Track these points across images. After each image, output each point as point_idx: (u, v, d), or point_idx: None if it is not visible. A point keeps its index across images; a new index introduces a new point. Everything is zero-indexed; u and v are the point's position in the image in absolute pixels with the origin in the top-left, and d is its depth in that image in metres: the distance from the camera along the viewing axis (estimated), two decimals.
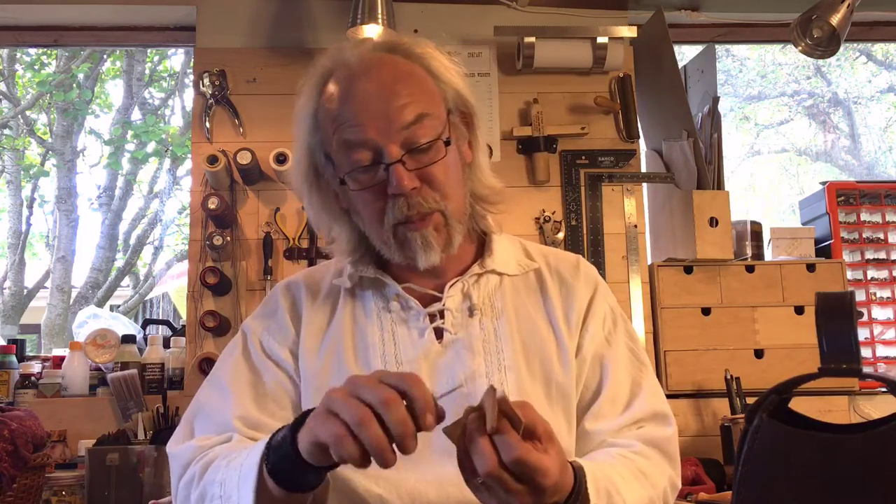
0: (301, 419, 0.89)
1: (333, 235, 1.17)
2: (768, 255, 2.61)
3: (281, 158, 2.32)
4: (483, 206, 1.17)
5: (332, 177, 1.10)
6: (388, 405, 0.79)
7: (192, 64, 2.56)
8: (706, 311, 2.42)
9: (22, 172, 8.28)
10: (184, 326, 2.44)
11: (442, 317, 1.12)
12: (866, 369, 0.84)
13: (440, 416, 0.81)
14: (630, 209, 2.49)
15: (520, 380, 1.09)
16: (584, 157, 2.50)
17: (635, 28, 2.50)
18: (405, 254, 1.08)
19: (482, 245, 1.19)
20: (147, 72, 8.65)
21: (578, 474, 0.90)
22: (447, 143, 1.07)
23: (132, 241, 8.43)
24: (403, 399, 0.80)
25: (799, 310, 2.44)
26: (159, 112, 8.77)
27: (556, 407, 1.10)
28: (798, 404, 0.87)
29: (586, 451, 1.10)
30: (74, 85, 7.96)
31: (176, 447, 1.10)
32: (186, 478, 1.04)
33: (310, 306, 1.17)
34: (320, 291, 1.18)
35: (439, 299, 1.12)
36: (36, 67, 8.36)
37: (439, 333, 1.11)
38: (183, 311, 2.89)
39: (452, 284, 1.14)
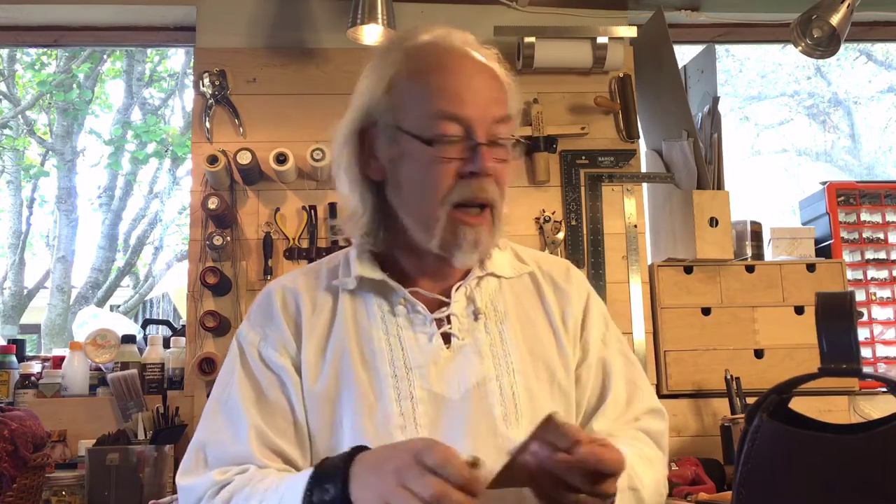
0: (337, 472, 0.90)
1: (349, 204, 1.14)
2: (768, 255, 2.61)
3: (281, 158, 2.32)
4: None
5: (390, 141, 1.08)
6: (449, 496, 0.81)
7: (192, 64, 2.56)
8: (706, 311, 2.42)
9: (22, 172, 8.28)
10: (184, 326, 2.44)
11: (448, 321, 1.11)
12: (866, 369, 0.84)
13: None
14: (630, 209, 2.49)
15: (528, 382, 1.10)
16: (584, 157, 2.50)
17: (635, 28, 2.50)
18: (444, 241, 1.07)
19: None
20: (147, 72, 8.65)
21: None
22: (516, 146, 1.12)
23: (132, 241, 8.42)
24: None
25: (799, 310, 2.44)
26: (159, 112, 8.77)
27: (558, 407, 1.11)
28: (798, 404, 0.87)
29: None
30: (74, 85, 7.96)
31: (188, 479, 1.05)
32: None
33: (309, 314, 1.13)
34: (318, 295, 1.15)
35: (443, 303, 1.12)
36: (36, 67, 8.37)
37: (446, 338, 1.11)
38: (183, 311, 2.89)
39: (457, 288, 1.13)
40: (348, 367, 1.08)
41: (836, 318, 0.83)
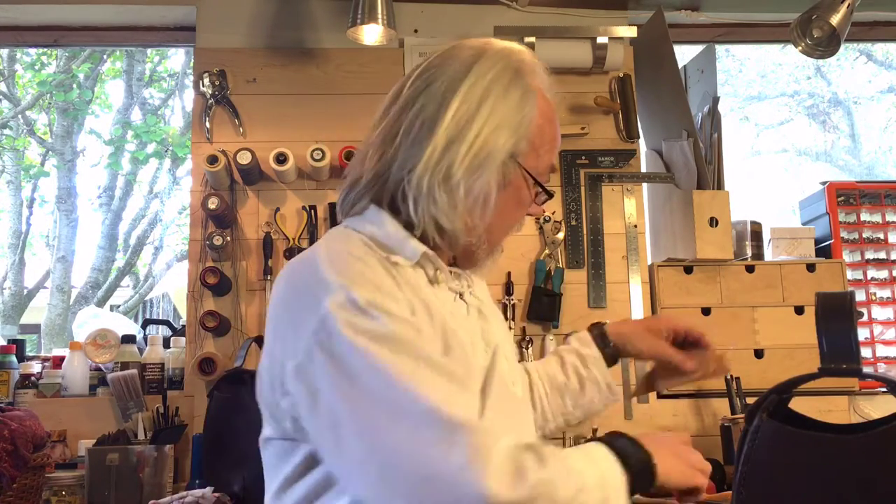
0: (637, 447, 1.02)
1: (454, 195, 1.08)
2: (768, 255, 2.61)
3: (281, 158, 2.32)
4: None
5: (512, 163, 1.12)
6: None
7: (192, 64, 2.56)
8: (706, 311, 2.42)
9: (22, 172, 8.28)
10: (184, 326, 2.44)
11: (461, 296, 1.18)
12: (866, 369, 0.84)
13: None
14: (630, 209, 2.49)
15: (513, 355, 1.24)
16: (584, 157, 2.50)
17: (635, 28, 2.50)
18: (485, 256, 1.17)
19: None
20: (147, 72, 8.65)
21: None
22: None
23: (132, 241, 8.43)
24: None
25: (799, 310, 2.43)
26: (159, 112, 8.77)
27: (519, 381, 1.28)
28: (798, 404, 0.87)
29: None
30: (74, 85, 7.97)
31: (475, 420, 0.90)
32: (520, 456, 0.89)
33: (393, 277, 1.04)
34: (395, 267, 1.06)
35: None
36: (36, 67, 8.37)
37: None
38: (183, 311, 2.89)
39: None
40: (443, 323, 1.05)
41: (836, 318, 0.83)
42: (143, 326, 2.80)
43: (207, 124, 2.44)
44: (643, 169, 2.58)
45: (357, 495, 0.92)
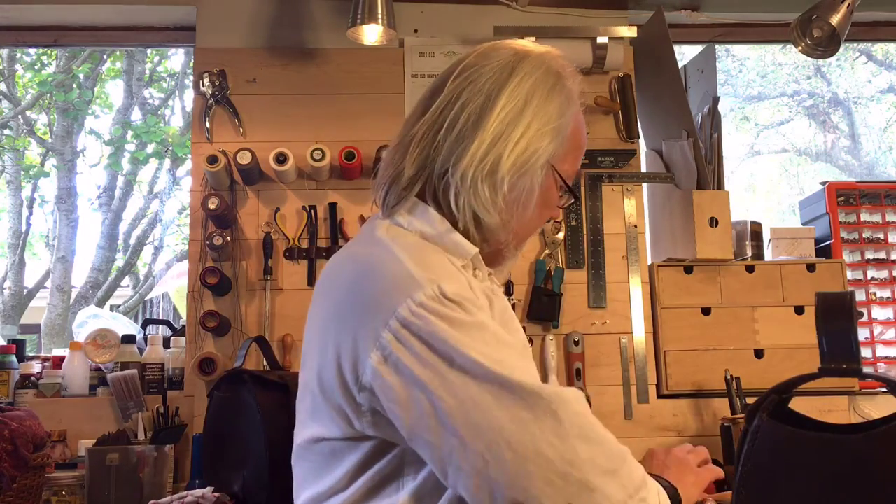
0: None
1: (498, 200, 1.12)
2: (768, 255, 2.61)
3: (281, 158, 2.32)
4: None
5: (547, 167, 1.17)
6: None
7: (192, 64, 2.56)
8: (706, 311, 2.42)
9: (22, 172, 8.28)
10: (184, 326, 2.44)
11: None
12: (866, 369, 0.84)
13: None
14: (630, 209, 2.49)
15: None
16: (584, 157, 2.49)
17: (635, 28, 2.50)
18: (510, 259, 1.22)
19: None
20: (147, 72, 8.66)
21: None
22: None
23: (132, 241, 8.43)
24: None
25: (799, 310, 2.43)
26: (159, 112, 8.77)
27: None
28: (798, 404, 0.87)
29: None
30: (74, 85, 7.97)
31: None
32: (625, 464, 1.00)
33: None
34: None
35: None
36: (36, 67, 8.37)
37: None
38: (183, 311, 2.90)
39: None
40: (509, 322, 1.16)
41: (836, 318, 0.83)
42: (143, 326, 2.80)
43: (207, 124, 2.44)
44: (643, 169, 2.58)
45: (459, 478, 0.94)
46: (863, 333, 2.59)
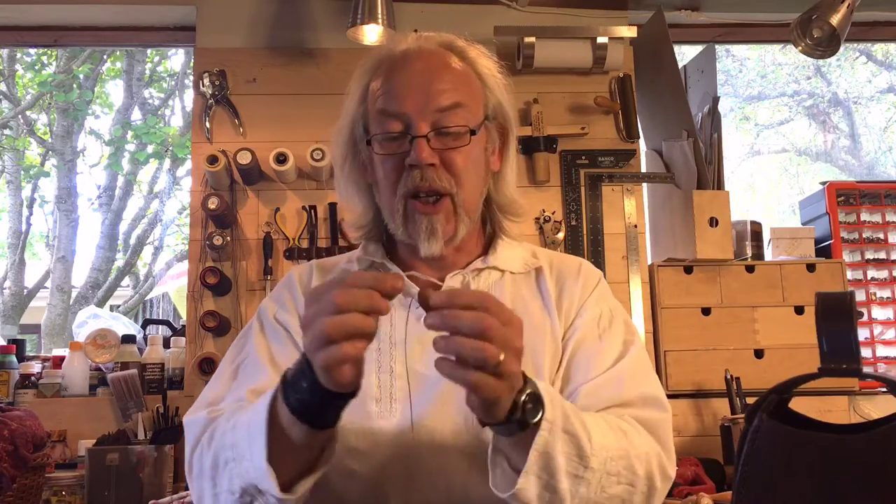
0: (303, 368, 0.88)
1: (354, 209, 1.23)
2: (768, 255, 2.61)
3: (281, 158, 2.32)
4: (506, 215, 1.24)
5: (363, 142, 1.16)
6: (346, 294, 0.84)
7: (192, 64, 2.56)
8: (706, 311, 2.42)
9: (22, 172, 8.28)
10: (184, 326, 2.44)
11: None
12: (866, 369, 0.84)
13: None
14: (630, 209, 2.49)
15: None
16: (584, 157, 2.50)
17: (635, 28, 2.50)
18: (409, 231, 1.14)
19: (489, 245, 1.24)
20: (147, 72, 8.65)
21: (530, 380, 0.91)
22: (472, 133, 1.13)
23: (132, 241, 8.43)
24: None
25: (799, 310, 2.44)
26: (159, 112, 8.77)
27: None
28: (798, 404, 0.87)
29: None
30: (74, 85, 7.97)
31: (188, 417, 1.10)
32: (197, 450, 1.04)
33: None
34: (330, 274, 1.22)
35: (439, 287, 1.15)
36: (36, 68, 8.37)
37: None
38: (183, 311, 2.89)
39: (454, 276, 1.17)
40: None
41: (836, 318, 0.83)
42: (143, 326, 2.80)
43: (207, 124, 2.44)
44: (643, 169, 2.58)
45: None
46: (863, 333, 2.59)
